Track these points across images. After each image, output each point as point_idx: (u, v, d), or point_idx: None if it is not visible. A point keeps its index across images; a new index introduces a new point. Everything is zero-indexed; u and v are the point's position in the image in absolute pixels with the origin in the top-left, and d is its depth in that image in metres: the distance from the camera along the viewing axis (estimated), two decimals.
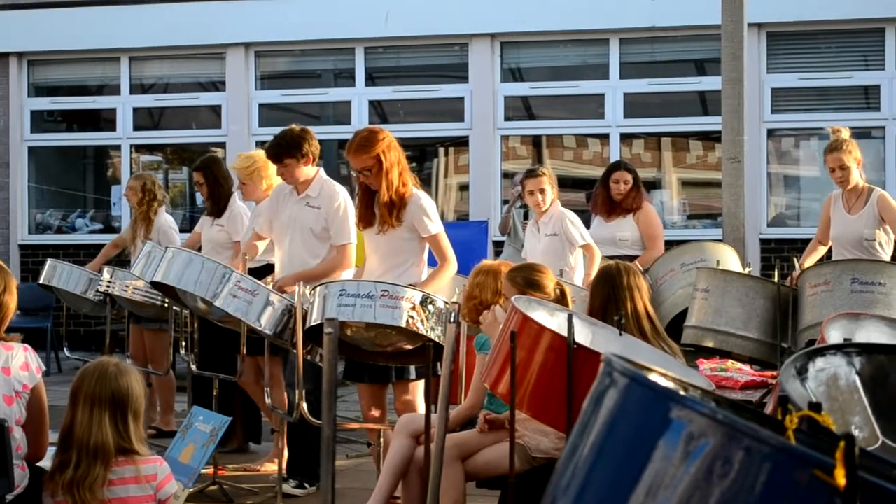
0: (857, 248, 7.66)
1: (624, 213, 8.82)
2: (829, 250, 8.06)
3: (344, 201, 6.97)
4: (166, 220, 9.17)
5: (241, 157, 8.11)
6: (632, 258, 8.23)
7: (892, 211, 7.64)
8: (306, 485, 7.12)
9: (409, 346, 5.97)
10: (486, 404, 5.62)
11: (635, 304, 5.25)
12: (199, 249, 8.58)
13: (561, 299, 5.40)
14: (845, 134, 7.74)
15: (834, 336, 4.17)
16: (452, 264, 6.37)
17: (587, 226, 8.81)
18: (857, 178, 7.70)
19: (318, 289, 5.75)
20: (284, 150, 7.02)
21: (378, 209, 6.40)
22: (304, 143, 7.03)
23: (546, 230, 8.36)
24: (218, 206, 8.51)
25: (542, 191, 8.40)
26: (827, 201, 8.00)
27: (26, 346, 4.85)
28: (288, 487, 6.97)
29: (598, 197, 9.02)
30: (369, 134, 6.48)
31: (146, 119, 14.86)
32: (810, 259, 7.81)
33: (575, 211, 8.90)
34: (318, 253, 6.96)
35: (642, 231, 8.80)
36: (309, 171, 7.07)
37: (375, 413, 6.54)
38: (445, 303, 5.63)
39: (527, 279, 5.46)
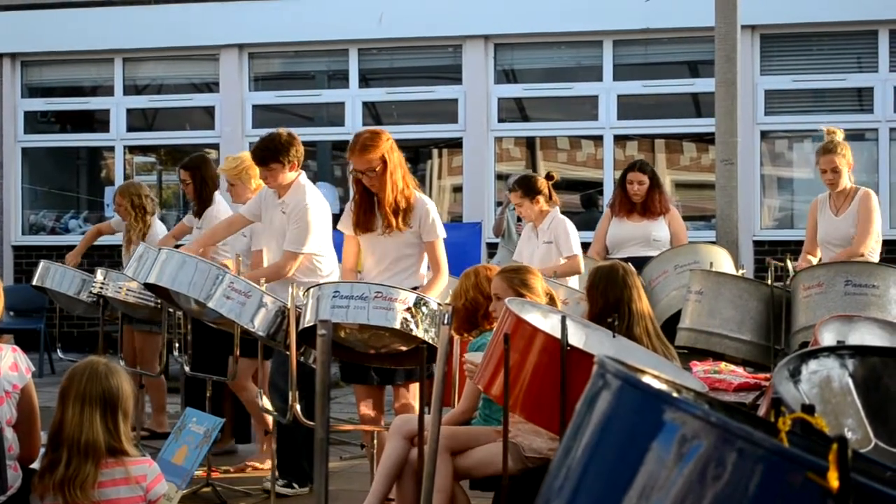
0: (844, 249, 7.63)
1: (654, 216, 8.76)
2: None
3: (310, 208, 6.94)
4: (160, 229, 9.18)
5: (229, 158, 8.11)
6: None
7: (867, 209, 7.53)
8: (295, 485, 7.11)
9: (402, 348, 5.97)
10: (481, 408, 5.62)
11: (642, 303, 5.28)
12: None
13: (550, 304, 5.40)
14: (839, 136, 7.68)
15: (827, 338, 4.18)
16: (445, 274, 6.37)
17: (592, 227, 8.83)
18: (847, 181, 7.65)
19: (311, 290, 5.75)
20: (271, 155, 7.02)
21: (382, 212, 6.39)
22: (292, 148, 7.04)
23: (544, 237, 8.29)
24: (204, 206, 8.51)
25: (518, 204, 8.41)
26: (812, 206, 7.89)
27: (15, 346, 4.85)
28: (276, 486, 6.95)
29: (615, 198, 8.98)
30: (372, 135, 6.48)
31: (140, 120, 14.85)
32: None
33: (569, 213, 8.89)
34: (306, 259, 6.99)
35: (673, 233, 8.76)
36: (290, 176, 7.08)
37: (371, 413, 6.54)
38: (439, 304, 5.63)
39: (523, 280, 5.46)
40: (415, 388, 6.37)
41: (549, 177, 8.58)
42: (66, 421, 4.41)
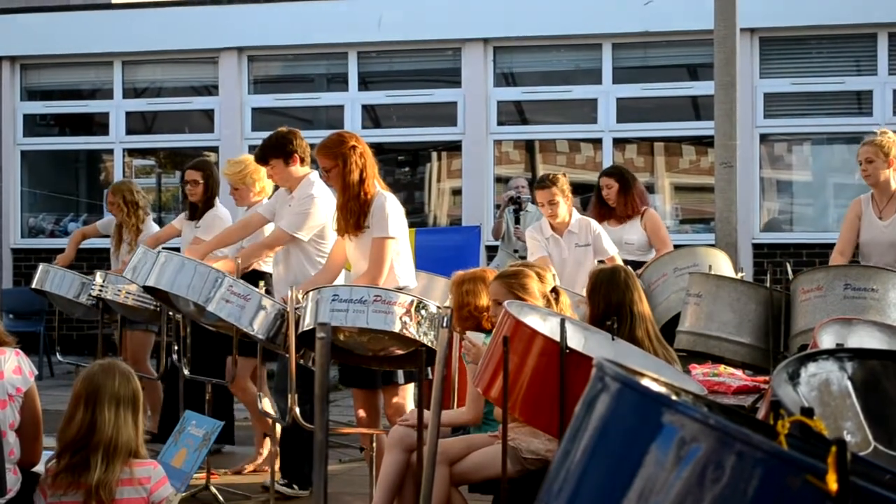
0: (889, 256, 7.30)
1: (627, 219, 8.77)
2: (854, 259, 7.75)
3: (314, 199, 6.96)
4: (154, 229, 9.19)
5: (231, 162, 8.09)
6: (636, 264, 8.18)
7: None
8: (295, 486, 7.11)
9: (401, 351, 5.97)
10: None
11: (643, 306, 5.28)
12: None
13: (548, 305, 5.40)
14: (891, 136, 7.42)
15: (826, 341, 4.18)
16: (375, 280, 6.26)
17: None
18: (887, 178, 7.37)
19: (310, 293, 5.75)
20: (269, 151, 7.09)
21: (338, 212, 6.48)
22: (289, 143, 7.08)
23: (576, 240, 8.12)
24: (204, 208, 8.50)
25: (551, 202, 8.10)
26: (854, 205, 7.60)
27: (18, 350, 4.84)
28: (276, 485, 6.94)
29: (591, 205, 9.08)
30: (337, 136, 6.61)
31: (139, 123, 14.85)
32: None
33: None
34: (309, 254, 6.98)
35: (650, 234, 8.75)
36: (297, 171, 7.11)
37: (368, 417, 6.56)
38: (438, 307, 5.63)
39: (522, 284, 5.46)
40: (403, 389, 6.42)
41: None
42: (100, 422, 4.39)
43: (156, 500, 4.49)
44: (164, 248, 7.29)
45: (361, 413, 6.60)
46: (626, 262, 7.93)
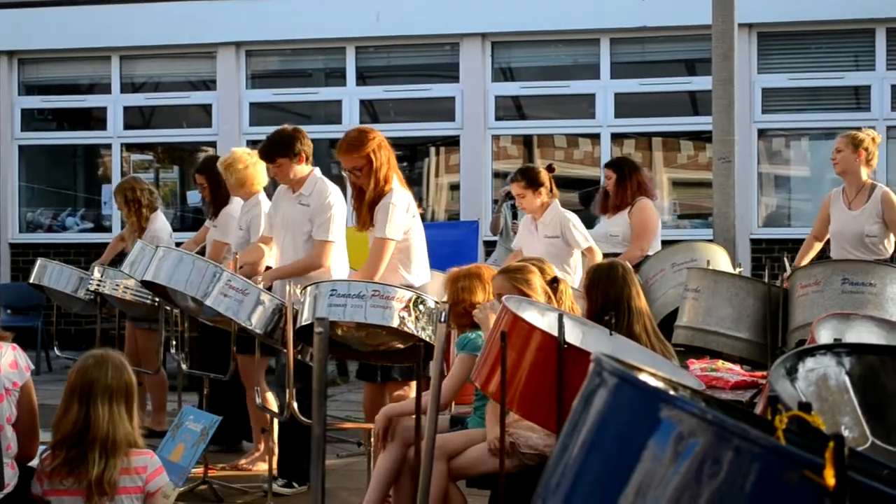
0: (857, 245, 7.57)
1: (615, 210, 8.81)
2: (825, 247, 7.99)
3: (333, 199, 6.96)
4: (160, 224, 9.12)
5: (221, 157, 8.08)
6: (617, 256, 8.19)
7: (894, 211, 7.55)
8: (295, 484, 7.11)
9: (399, 346, 5.96)
10: (477, 406, 5.62)
11: (640, 301, 5.29)
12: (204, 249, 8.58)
13: (553, 296, 5.41)
14: (868, 132, 7.80)
15: (824, 336, 4.18)
16: (370, 277, 6.28)
17: (589, 225, 8.83)
18: (860, 170, 7.67)
19: (308, 288, 5.74)
20: (276, 150, 7.05)
21: (364, 208, 6.47)
22: (297, 142, 7.05)
23: (546, 231, 8.19)
24: (217, 207, 8.48)
25: (518, 195, 8.30)
26: (827, 198, 7.94)
27: (14, 344, 4.83)
28: (276, 486, 6.95)
29: (599, 195, 9.21)
30: (359, 133, 6.56)
31: (137, 118, 14.84)
32: (806, 259, 7.74)
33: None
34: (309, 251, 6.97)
35: (631, 226, 8.72)
36: (303, 169, 7.08)
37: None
38: (436, 303, 5.63)
39: (526, 279, 5.47)
40: (406, 386, 6.42)
41: (549, 168, 8.46)
42: (94, 418, 4.39)
43: (151, 490, 4.49)
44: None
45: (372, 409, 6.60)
46: (611, 254, 8.02)
